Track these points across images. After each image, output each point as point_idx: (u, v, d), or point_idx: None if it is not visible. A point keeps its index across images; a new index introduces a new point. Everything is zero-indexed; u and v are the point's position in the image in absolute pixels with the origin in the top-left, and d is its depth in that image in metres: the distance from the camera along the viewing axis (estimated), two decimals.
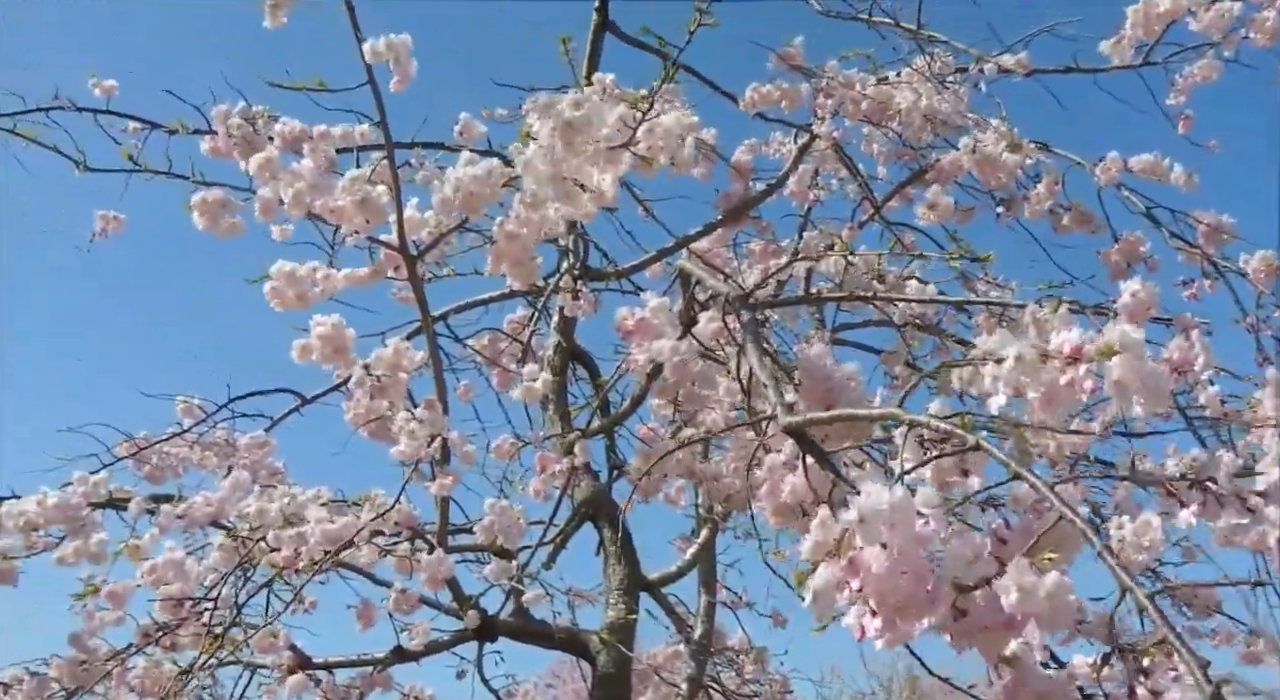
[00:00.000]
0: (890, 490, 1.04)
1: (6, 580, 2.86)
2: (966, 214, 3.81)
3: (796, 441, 1.53)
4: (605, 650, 3.13)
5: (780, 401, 1.63)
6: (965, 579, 1.05)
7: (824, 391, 1.91)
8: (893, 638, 1.06)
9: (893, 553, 1.02)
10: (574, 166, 1.79)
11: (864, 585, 1.04)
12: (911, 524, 1.03)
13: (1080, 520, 1.04)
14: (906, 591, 1.03)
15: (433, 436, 2.32)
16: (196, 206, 2.20)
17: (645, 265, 3.39)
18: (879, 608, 1.04)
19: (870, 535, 1.04)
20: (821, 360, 1.99)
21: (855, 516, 1.04)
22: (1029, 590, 1.01)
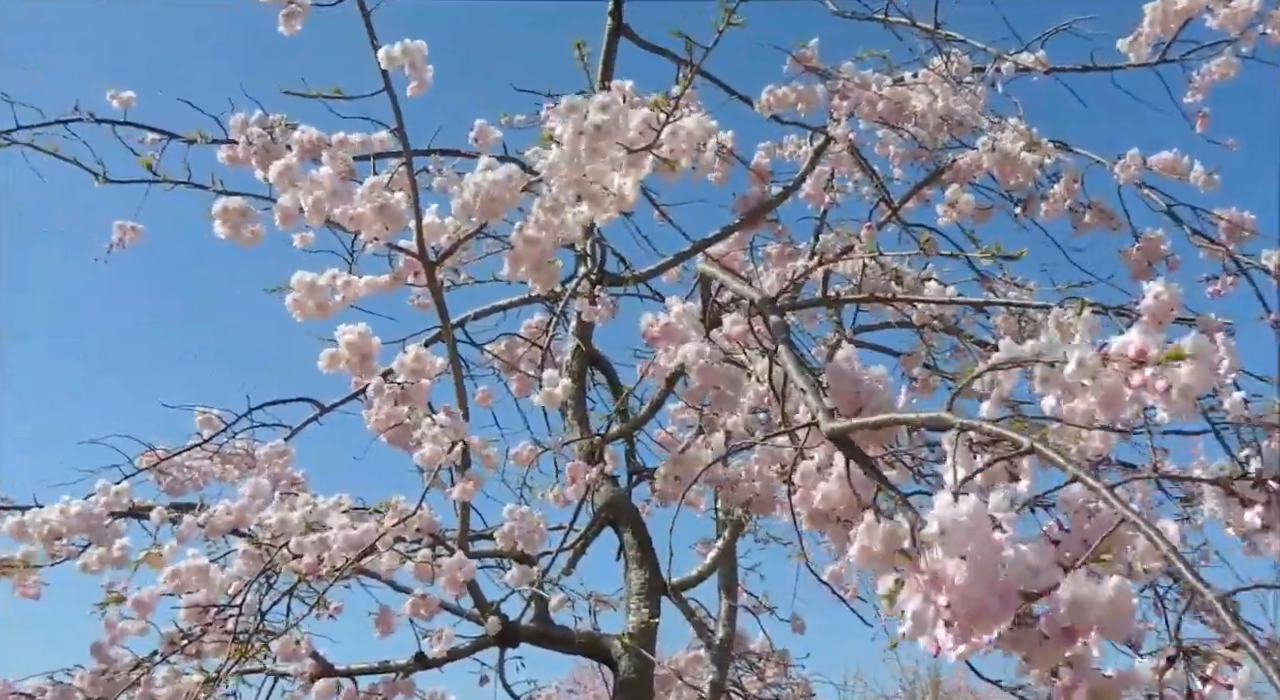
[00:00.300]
0: (965, 500, 1.03)
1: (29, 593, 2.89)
2: (984, 214, 3.79)
3: (839, 447, 1.51)
4: (627, 655, 3.12)
5: (821, 406, 1.62)
6: (1031, 587, 1.04)
7: (853, 395, 1.90)
8: (967, 649, 1.05)
9: (973, 564, 1.01)
10: (597, 170, 1.80)
11: (950, 598, 1.03)
12: (988, 533, 1.03)
13: (1144, 524, 1.02)
14: (981, 601, 1.02)
15: (454, 442, 2.32)
16: (218, 215, 2.21)
17: (662, 270, 3.38)
18: (955, 619, 1.03)
19: (952, 547, 1.02)
20: (849, 364, 1.98)
21: (936, 529, 1.03)
22: (1085, 603, 1.01)
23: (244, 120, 2.74)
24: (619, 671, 3.13)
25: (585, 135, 1.72)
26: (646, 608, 3.20)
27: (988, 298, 3.49)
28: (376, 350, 2.31)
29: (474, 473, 2.52)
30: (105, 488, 2.93)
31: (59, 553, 2.88)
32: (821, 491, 1.55)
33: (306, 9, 2.13)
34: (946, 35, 3.65)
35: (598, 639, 3.21)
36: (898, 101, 3.42)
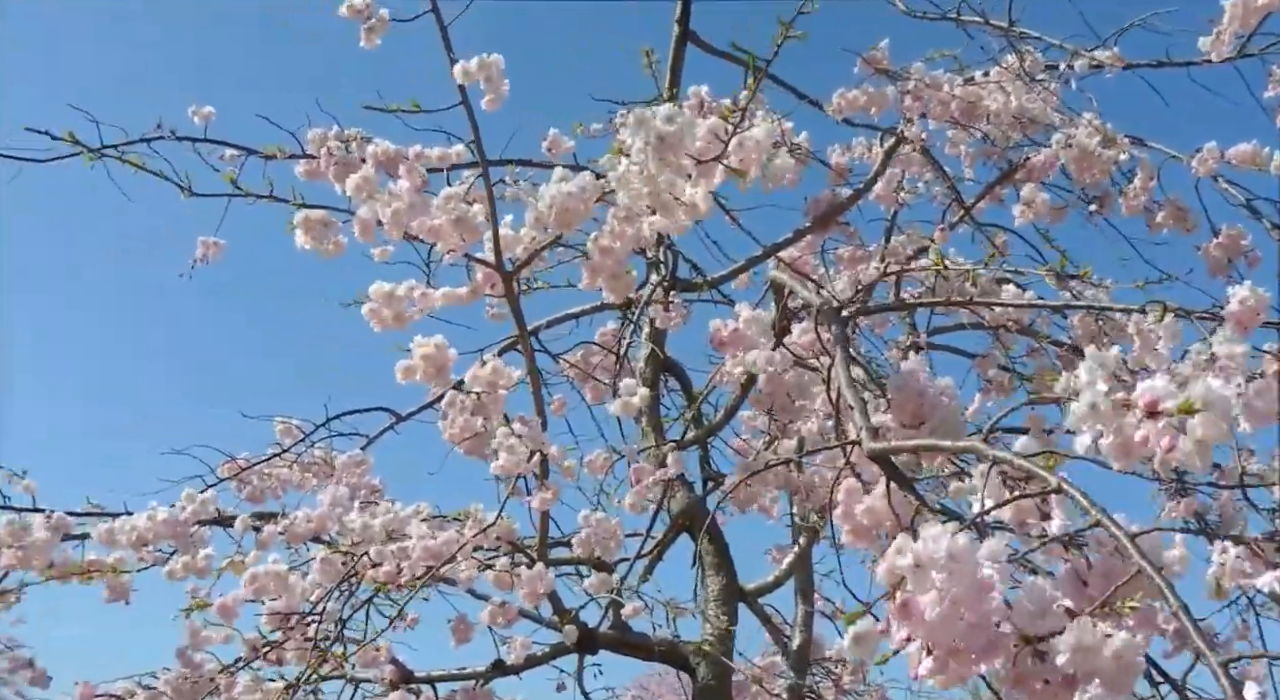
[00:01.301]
0: (951, 537, 1.02)
1: (119, 595, 2.96)
2: (1059, 213, 3.74)
3: (880, 466, 1.51)
4: (705, 661, 3.11)
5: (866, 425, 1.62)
6: (1031, 631, 1.03)
7: (916, 407, 1.88)
8: (946, 680, 1.04)
9: (947, 601, 1.00)
10: (667, 180, 1.80)
11: (913, 632, 1.03)
12: (972, 573, 1.01)
13: (1159, 576, 1.00)
14: (963, 637, 1.01)
15: (532, 451, 2.33)
16: (300, 225, 2.25)
17: (734, 275, 3.38)
18: (933, 650, 1.02)
19: (923, 583, 1.02)
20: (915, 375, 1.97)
21: (910, 563, 1.02)
22: (1090, 649, 0.98)
23: (322, 135, 2.78)
24: (697, 678, 3.13)
25: (651, 147, 1.72)
26: (724, 614, 3.20)
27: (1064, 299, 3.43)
28: (453, 361, 2.32)
29: (552, 483, 2.53)
30: (191, 496, 3.00)
31: (146, 558, 2.95)
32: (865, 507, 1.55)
33: (386, 23, 2.16)
34: (1020, 33, 3.60)
35: (676, 645, 3.21)
36: (970, 101, 3.38)
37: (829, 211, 3.66)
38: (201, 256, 3.40)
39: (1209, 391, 1.08)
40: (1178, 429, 1.08)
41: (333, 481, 3.48)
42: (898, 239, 4.02)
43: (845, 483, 1.59)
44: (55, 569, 2.93)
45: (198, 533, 2.97)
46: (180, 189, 2.74)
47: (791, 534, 4.01)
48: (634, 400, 2.44)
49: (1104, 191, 3.66)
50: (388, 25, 2.16)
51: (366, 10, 2.14)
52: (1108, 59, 3.44)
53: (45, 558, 2.91)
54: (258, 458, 3.77)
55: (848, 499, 1.58)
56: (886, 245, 3.98)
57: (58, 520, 2.95)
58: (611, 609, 3.11)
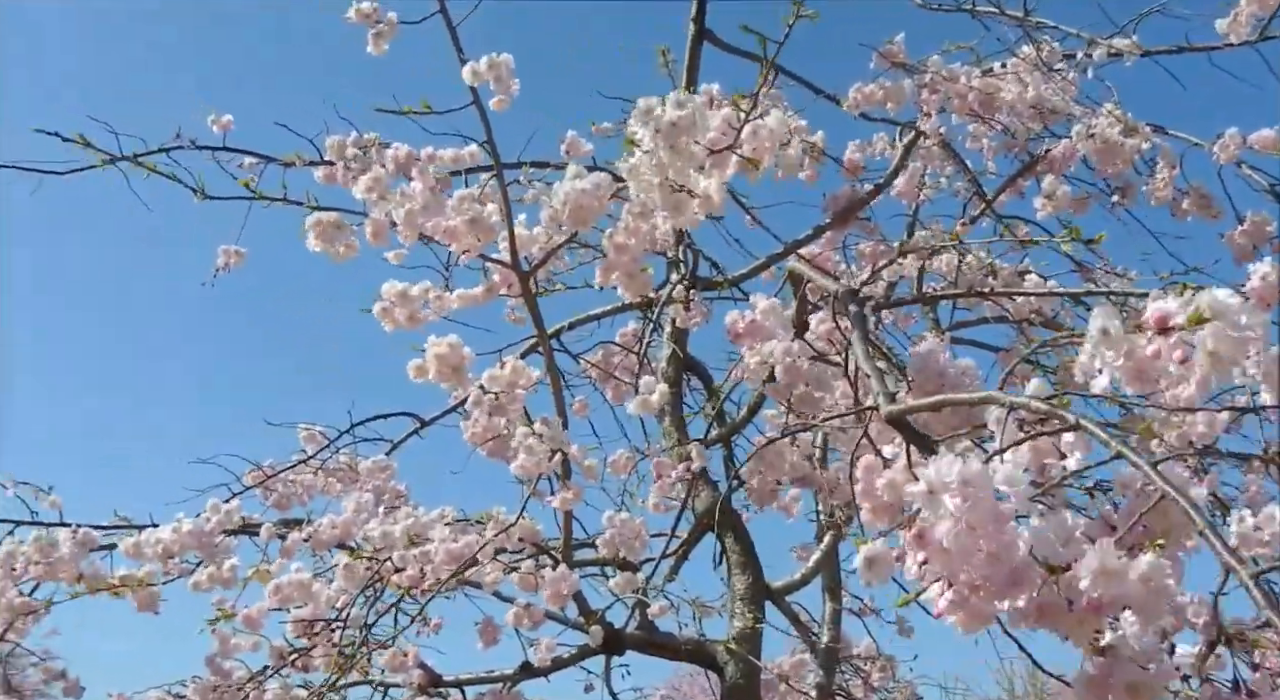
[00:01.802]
0: (963, 462, 1.00)
1: (149, 607, 2.97)
2: (1081, 204, 3.70)
3: (899, 430, 1.49)
4: (733, 661, 3.10)
5: (883, 389, 1.60)
6: (1056, 560, 1.00)
7: (937, 385, 1.87)
8: (967, 618, 1.02)
9: (963, 528, 0.98)
10: (679, 171, 1.79)
11: (931, 559, 1.00)
12: (987, 500, 0.99)
13: (1184, 498, 0.98)
14: (983, 570, 0.99)
15: (553, 451, 2.32)
16: (312, 228, 2.25)
17: (755, 272, 3.36)
18: (953, 583, 1.01)
19: (935, 508, 1.00)
20: (935, 356, 1.95)
21: (922, 488, 1.00)
22: (1114, 572, 0.96)
23: (340, 141, 2.79)
24: (725, 677, 3.11)
25: (662, 133, 1.71)
26: (751, 612, 3.18)
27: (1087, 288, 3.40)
28: (468, 362, 2.31)
29: (575, 483, 2.52)
30: (216, 506, 3.01)
31: (172, 570, 2.96)
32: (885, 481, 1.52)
33: (394, 27, 2.16)
34: (1036, 22, 3.57)
35: (703, 645, 3.19)
36: (988, 93, 3.36)
37: (849, 208, 3.64)
38: (223, 264, 3.41)
39: (1217, 300, 1.05)
40: (1189, 344, 1.06)
41: (357, 487, 3.49)
42: (920, 234, 3.99)
43: (864, 459, 1.57)
44: (85, 582, 2.95)
45: (223, 543, 2.99)
46: (194, 193, 2.74)
47: (817, 531, 3.99)
48: (653, 398, 2.43)
49: (1126, 182, 3.62)
50: (396, 29, 2.16)
51: (374, 14, 2.14)
52: (1126, 47, 3.41)
53: (73, 571, 2.93)
54: (283, 465, 3.79)
55: (866, 475, 1.56)
56: (909, 240, 3.96)
57: (84, 536, 2.97)
58: (637, 609, 3.10)
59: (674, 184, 1.81)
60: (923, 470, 1.01)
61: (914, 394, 1.80)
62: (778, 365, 2.10)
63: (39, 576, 2.93)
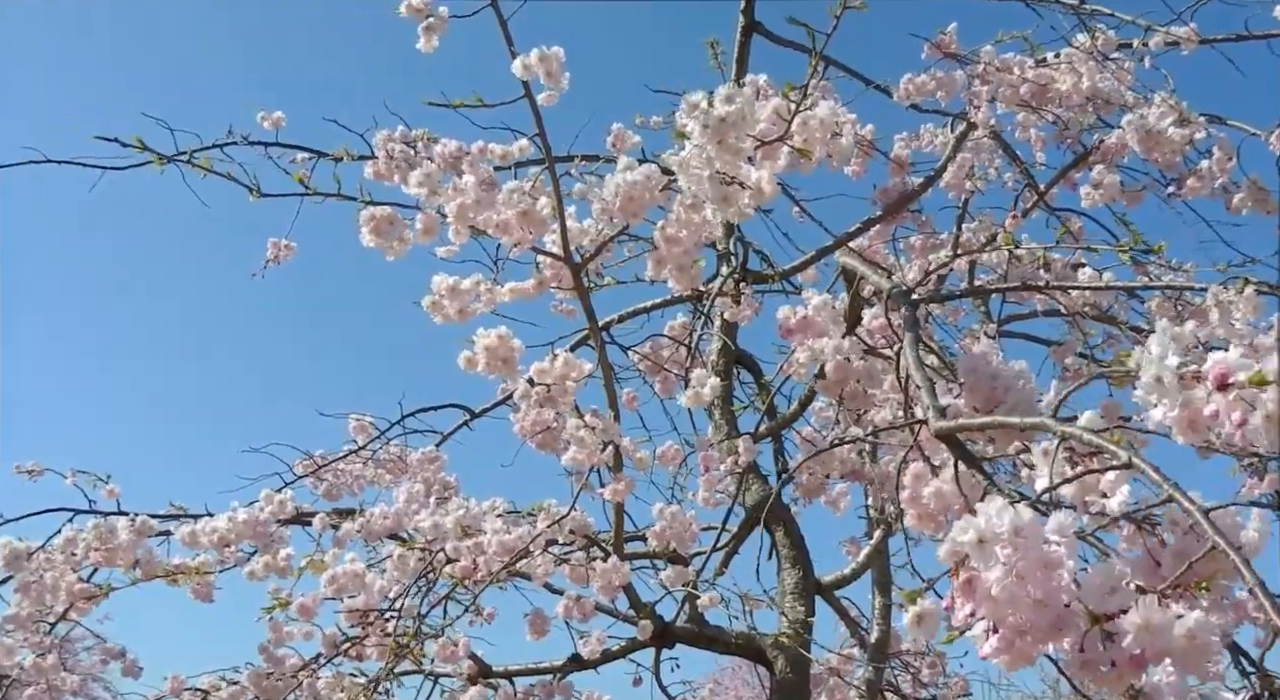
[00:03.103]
0: (1015, 511, 0.99)
1: (203, 595, 3.01)
2: (1135, 196, 3.65)
3: (947, 446, 1.48)
4: (783, 654, 3.09)
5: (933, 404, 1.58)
6: (1100, 609, 0.99)
7: (989, 391, 1.84)
8: (1011, 659, 1.01)
9: (1012, 576, 0.97)
10: (729, 164, 1.78)
11: (978, 609, 1.00)
12: (1037, 548, 0.97)
13: (1234, 551, 0.96)
14: (1029, 615, 0.98)
15: (605, 443, 2.33)
16: (365, 223, 2.26)
17: (805, 266, 3.35)
18: (999, 628, 0.99)
19: (987, 559, 0.98)
20: (987, 359, 1.92)
21: (972, 538, 0.99)
22: (1158, 628, 0.94)
23: (387, 136, 2.81)
24: (775, 671, 3.11)
25: (711, 129, 1.71)
26: (801, 606, 3.17)
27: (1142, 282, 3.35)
28: (518, 354, 2.32)
29: (626, 475, 2.53)
30: (270, 496, 3.05)
31: (228, 559, 3.00)
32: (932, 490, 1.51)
33: (445, 21, 2.16)
34: (1092, 10, 3.51)
35: (753, 638, 3.19)
36: (1041, 83, 3.32)
37: (898, 200, 3.61)
38: (273, 257, 3.46)
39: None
40: (1249, 403, 1.03)
41: (407, 478, 3.52)
42: (969, 227, 3.96)
43: (912, 466, 1.57)
44: (141, 569, 3.00)
45: (277, 532, 3.02)
46: (249, 190, 2.78)
47: (867, 526, 3.97)
48: (704, 391, 2.42)
49: (1182, 172, 3.57)
50: (446, 24, 2.17)
51: (426, 8, 2.14)
52: (1183, 34, 3.35)
53: (130, 558, 2.98)
54: (334, 455, 3.83)
55: (914, 483, 1.56)
56: (958, 233, 3.92)
57: (141, 524, 3.02)
58: (687, 603, 3.10)
59: (724, 176, 1.81)
60: (972, 519, 1.00)
61: (965, 397, 1.78)
62: (828, 362, 2.09)
63: (97, 562, 2.99)
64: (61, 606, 3.00)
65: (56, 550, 2.99)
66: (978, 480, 1.33)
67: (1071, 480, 1.19)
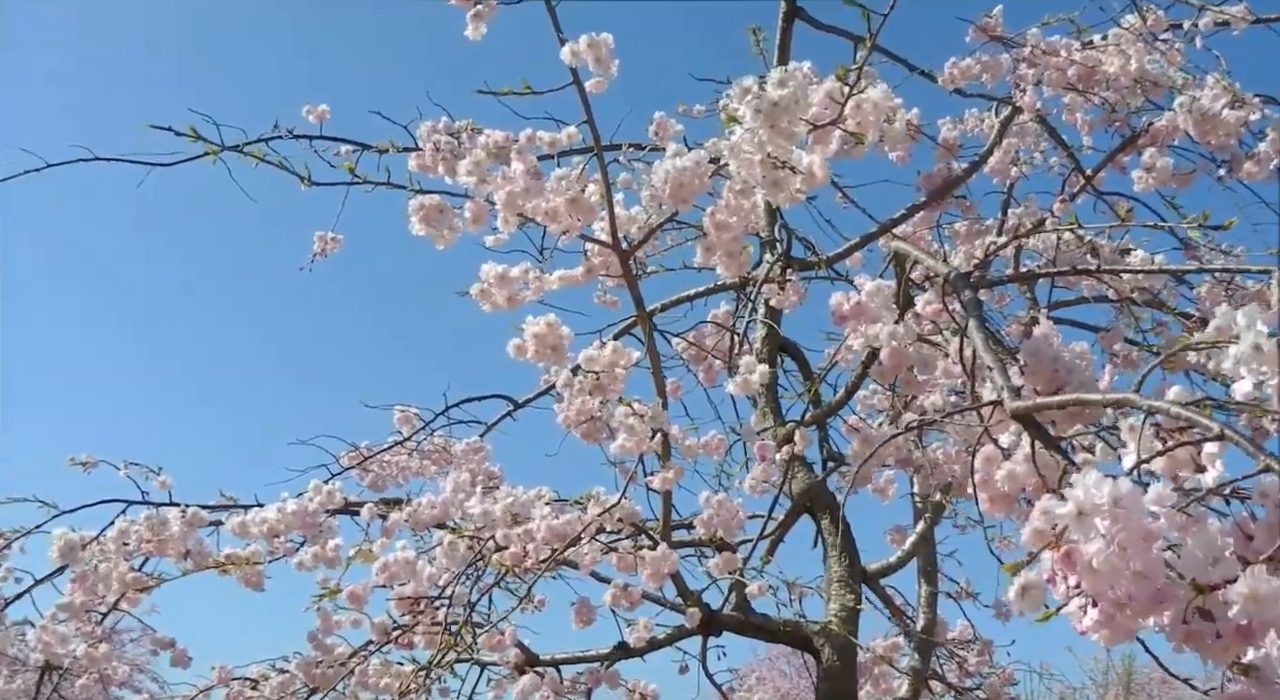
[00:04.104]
0: (1114, 483, 0.98)
1: (253, 584, 3.04)
2: (1185, 179, 3.60)
3: (1024, 426, 1.46)
4: (830, 642, 3.08)
5: (1006, 384, 1.57)
6: (1202, 580, 0.97)
7: (1051, 373, 1.82)
8: (1111, 634, 0.99)
9: (1114, 548, 0.96)
10: (780, 148, 1.77)
11: (1081, 581, 0.98)
12: (1138, 519, 0.96)
13: None
14: (1129, 589, 0.97)
15: (654, 431, 2.32)
16: (414, 212, 2.27)
17: (850, 252, 3.33)
18: (1098, 602, 0.98)
19: (1087, 530, 0.97)
20: (1048, 340, 1.90)
21: (1072, 510, 0.98)
22: (1266, 598, 0.92)
23: (431, 127, 2.81)
24: (822, 659, 3.10)
25: (763, 113, 1.70)
26: (849, 594, 3.16)
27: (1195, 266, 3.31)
28: (567, 341, 2.32)
29: (674, 463, 2.52)
30: (318, 487, 3.07)
31: (278, 549, 3.02)
32: (1005, 472, 1.50)
33: (493, 8, 2.16)
34: None
35: (799, 626, 3.18)
36: (1089, 66, 3.27)
37: (943, 186, 3.59)
38: (320, 250, 3.48)
39: None
40: None
41: (452, 468, 3.53)
42: (1014, 212, 3.93)
43: (983, 450, 1.55)
44: (192, 560, 3.02)
45: (326, 522, 3.04)
46: (300, 180, 2.79)
47: (913, 514, 3.95)
48: (753, 378, 2.42)
49: (1234, 154, 3.51)
50: (495, 10, 2.17)
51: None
52: (1236, 13, 3.29)
53: (180, 548, 3.01)
54: (379, 447, 3.85)
55: (986, 466, 1.54)
56: (1003, 218, 3.89)
57: (193, 515, 3.05)
58: (734, 591, 3.09)
59: (775, 161, 1.80)
60: (1071, 491, 0.99)
61: (1027, 379, 1.76)
62: (883, 348, 2.08)
63: (149, 553, 3.02)
64: (114, 596, 3.04)
65: (110, 541, 3.02)
66: (1055, 460, 1.32)
67: (1166, 452, 1.17)
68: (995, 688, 4.04)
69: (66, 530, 2.99)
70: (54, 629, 3.03)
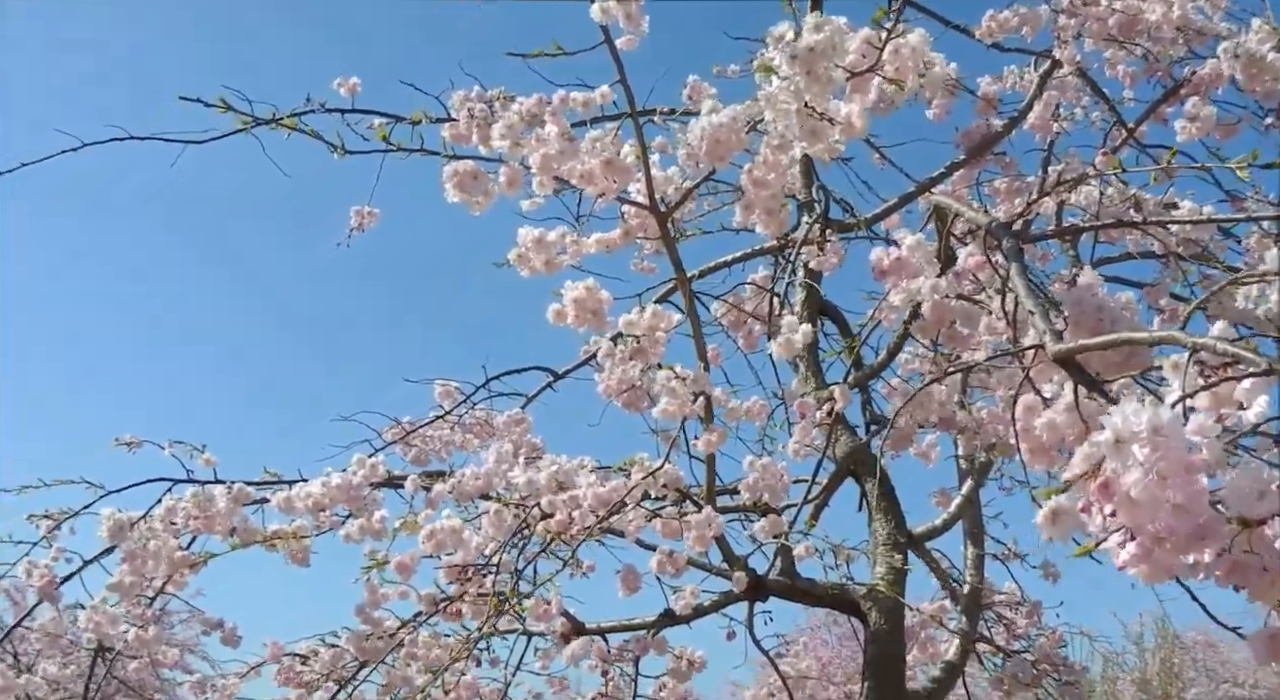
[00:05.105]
0: (1153, 410, 0.95)
1: (300, 559, 3.05)
2: (1230, 129, 3.52)
3: (1066, 370, 1.43)
4: (877, 606, 3.06)
5: (1049, 328, 1.54)
6: (1251, 514, 0.95)
7: (1095, 322, 1.79)
8: (1150, 570, 0.97)
9: (1153, 478, 0.93)
10: (818, 97, 1.74)
11: (1118, 511, 0.96)
12: (1178, 449, 0.93)
13: None
14: (1169, 522, 0.94)
15: (696, 394, 2.31)
16: (449, 179, 2.26)
17: (889, 212, 3.28)
18: (1137, 535, 0.96)
19: (1124, 457, 0.95)
20: (1092, 290, 1.87)
21: (1109, 437, 0.95)
22: None
23: (464, 96, 2.79)
24: (869, 622, 3.08)
25: (800, 59, 1.67)
26: (896, 555, 3.13)
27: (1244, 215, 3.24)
28: (606, 305, 2.30)
29: (717, 426, 2.51)
30: (361, 460, 3.07)
31: (323, 523, 3.03)
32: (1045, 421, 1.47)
33: None
34: None
35: (846, 590, 3.16)
36: (1130, 15, 3.21)
37: (982, 142, 3.54)
38: (357, 225, 3.47)
39: None
40: None
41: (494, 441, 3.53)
42: (1055, 168, 3.86)
43: (1024, 398, 1.52)
44: (239, 537, 3.04)
45: (370, 495, 3.05)
46: (334, 149, 2.78)
47: (958, 476, 3.91)
48: (796, 338, 2.39)
49: None
50: None
51: None
52: None
53: (227, 525, 3.03)
54: (420, 421, 3.85)
55: (1026, 415, 1.51)
56: (1044, 175, 3.83)
57: (238, 491, 3.07)
58: (780, 556, 3.07)
59: (812, 111, 1.77)
60: (1109, 418, 0.96)
61: (1071, 330, 1.73)
62: (926, 302, 2.05)
63: (197, 530, 3.04)
64: (163, 575, 3.06)
65: (157, 520, 3.04)
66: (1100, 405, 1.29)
67: (1211, 387, 1.14)
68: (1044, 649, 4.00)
69: (115, 510, 3.02)
70: (105, 610, 3.06)
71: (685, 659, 3.20)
